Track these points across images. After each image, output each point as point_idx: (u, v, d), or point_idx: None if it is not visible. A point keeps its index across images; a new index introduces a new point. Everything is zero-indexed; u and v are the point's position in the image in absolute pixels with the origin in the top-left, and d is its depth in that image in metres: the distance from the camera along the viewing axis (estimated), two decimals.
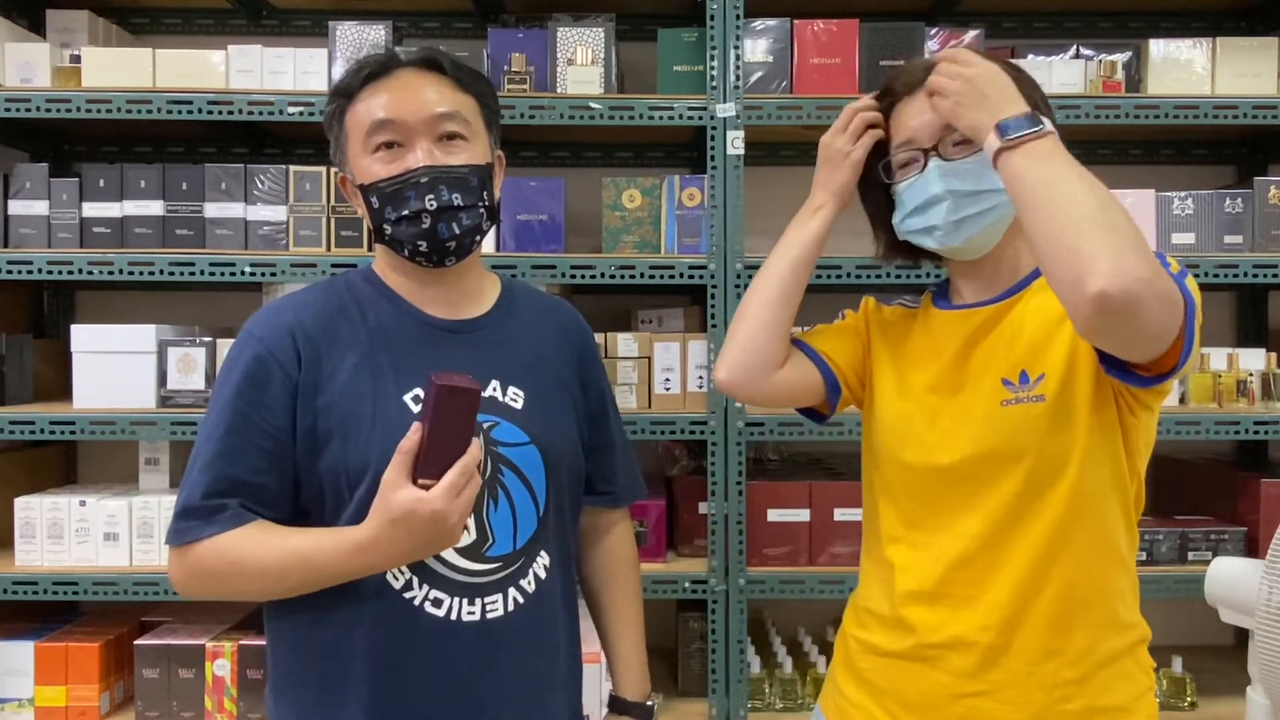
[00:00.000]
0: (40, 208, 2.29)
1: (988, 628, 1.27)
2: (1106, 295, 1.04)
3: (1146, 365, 1.16)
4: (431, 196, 1.31)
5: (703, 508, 2.29)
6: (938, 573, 1.31)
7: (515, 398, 1.39)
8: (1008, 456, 1.27)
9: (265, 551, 1.25)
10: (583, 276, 2.24)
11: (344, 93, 1.36)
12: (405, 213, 1.32)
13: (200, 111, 2.24)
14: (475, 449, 1.19)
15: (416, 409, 1.31)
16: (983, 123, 1.21)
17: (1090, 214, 1.08)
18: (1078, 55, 2.44)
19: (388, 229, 1.34)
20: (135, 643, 2.25)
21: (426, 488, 1.17)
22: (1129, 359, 1.16)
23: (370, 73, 1.35)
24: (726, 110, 2.24)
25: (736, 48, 2.26)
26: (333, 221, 2.30)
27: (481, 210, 1.36)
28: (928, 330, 1.42)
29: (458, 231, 1.33)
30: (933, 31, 2.34)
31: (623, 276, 2.25)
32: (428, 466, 1.17)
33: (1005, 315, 1.33)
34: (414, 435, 1.18)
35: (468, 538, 1.31)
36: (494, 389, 1.37)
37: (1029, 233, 1.15)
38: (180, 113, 2.24)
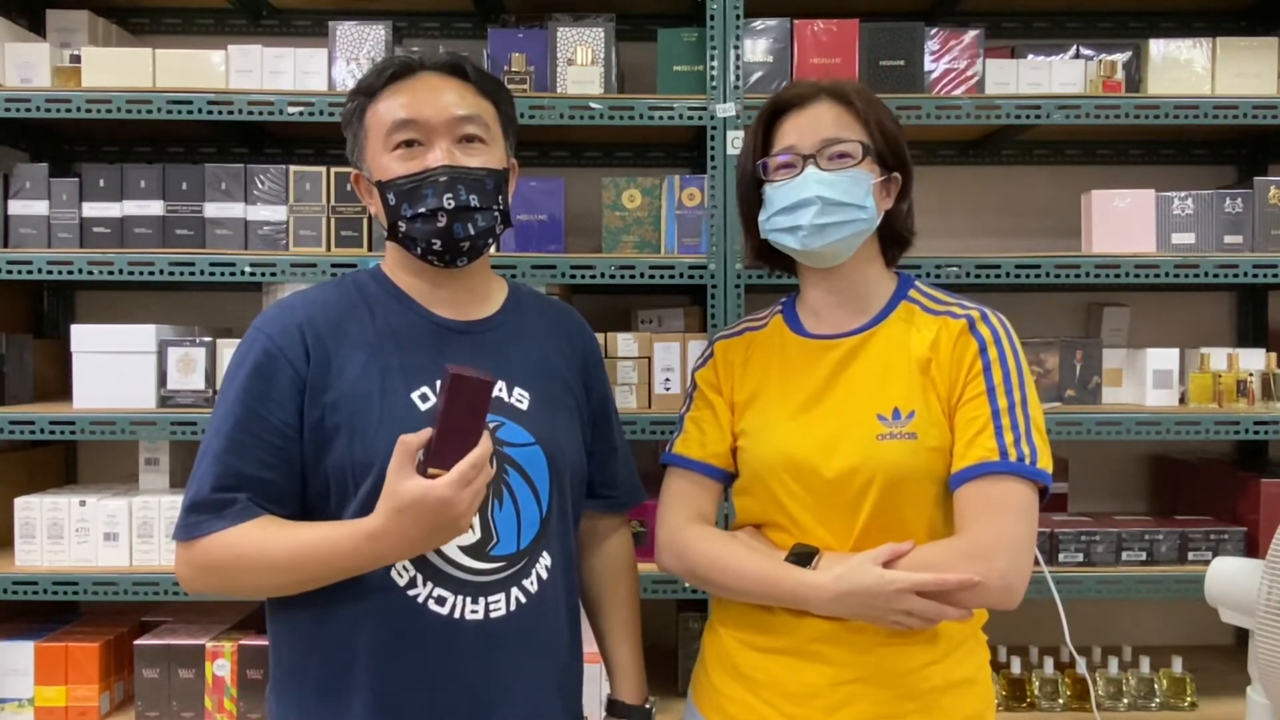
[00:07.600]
0: (40, 208, 2.29)
1: (863, 627, 1.36)
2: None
3: None
4: (449, 195, 1.32)
5: None
6: None
7: (521, 399, 1.39)
8: (885, 481, 1.37)
9: (274, 545, 1.26)
10: (583, 276, 2.24)
11: (365, 91, 1.38)
12: (422, 210, 1.33)
13: (200, 111, 2.24)
14: (487, 442, 1.19)
15: (424, 408, 1.32)
16: None
17: None
18: (1078, 55, 2.44)
19: (402, 226, 1.35)
20: (135, 643, 2.25)
21: (435, 477, 1.17)
22: None
23: (394, 73, 1.37)
24: (726, 110, 2.24)
25: (736, 48, 2.25)
26: (333, 221, 2.30)
27: (496, 213, 1.37)
28: (784, 356, 1.50)
29: (472, 232, 1.34)
30: (932, 31, 2.33)
31: (623, 276, 2.25)
32: (438, 456, 1.17)
33: (865, 347, 1.44)
34: (422, 431, 1.18)
35: (472, 536, 1.31)
36: (500, 390, 1.37)
37: None
38: (180, 113, 2.24)
